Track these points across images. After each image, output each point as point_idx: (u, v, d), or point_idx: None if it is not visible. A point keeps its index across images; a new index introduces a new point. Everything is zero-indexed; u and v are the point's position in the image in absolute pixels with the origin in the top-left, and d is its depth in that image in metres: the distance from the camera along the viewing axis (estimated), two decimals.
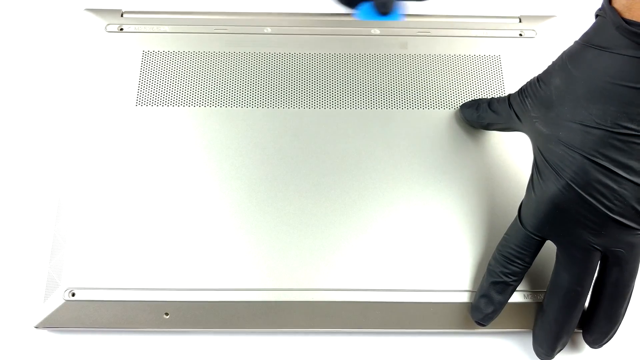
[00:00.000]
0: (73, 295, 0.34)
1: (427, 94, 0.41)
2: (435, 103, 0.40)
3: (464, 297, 0.35)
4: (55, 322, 0.34)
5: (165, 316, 0.34)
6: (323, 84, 0.41)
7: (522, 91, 0.33)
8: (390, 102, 0.40)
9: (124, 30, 0.42)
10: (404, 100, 0.40)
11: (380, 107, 0.40)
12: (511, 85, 0.41)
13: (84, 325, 0.34)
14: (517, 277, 0.32)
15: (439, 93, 0.41)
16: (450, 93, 0.41)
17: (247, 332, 0.35)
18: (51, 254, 0.35)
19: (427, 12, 0.44)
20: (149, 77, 0.41)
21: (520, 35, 0.43)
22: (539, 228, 0.31)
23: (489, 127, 0.38)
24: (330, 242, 0.36)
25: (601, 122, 0.28)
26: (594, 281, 0.32)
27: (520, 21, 0.43)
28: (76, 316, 0.34)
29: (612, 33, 0.28)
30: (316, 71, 0.41)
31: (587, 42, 0.29)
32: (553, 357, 0.33)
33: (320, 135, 0.39)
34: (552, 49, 0.42)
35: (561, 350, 0.33)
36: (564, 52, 0.31)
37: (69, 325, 0.34)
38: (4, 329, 0.36)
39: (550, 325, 0.32)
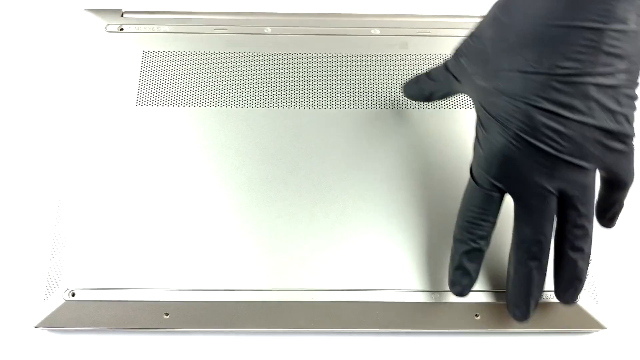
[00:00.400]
0: (73, 295, 0.34)
1: None
2: (435, 103, 0.40)
3: (465, 297, 0.35)
4: (56, 322, 0.34)
5: (165, 316, 0.34)
6: (323, 84, 0.41)
7: (456, 52, 0.33)
8: (391, 102, 0.40)
9: (124, 30, 0.42)
10: (404, 101, 0.40)
11: (381, 107, 0.40)
12: None
13: (84, 325, 0.34)
14: (486, 240, 0.32)
15: None
16: None
17: (247, 332, 0.35)
18: (51, 253, 0.35)
19: (427, 12, 0.44)
20: (149, 77, 0.41)
21: None
22: (494, 183, 0.31)
23: (432, 97, 0.37)
24: (331, 242, 0.36)
25: (539, 66, 0.28)
26: (554, 233, 0.31)
27: None
28: (76, 316, 0.34)
29: None
30: (316, 71, 0.41)
31: None
32: (530, 316, 0.32)
33: (320, 135, 0.39)
34: None
35: (536, 307, 0.32)
36: (494, 4, 0.31)
37: (69, 325, 0.34)
38: (4, 329, 0.36)
39: (522, 283, 0.32)
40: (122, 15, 0.43)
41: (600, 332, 0.36)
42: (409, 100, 0.40)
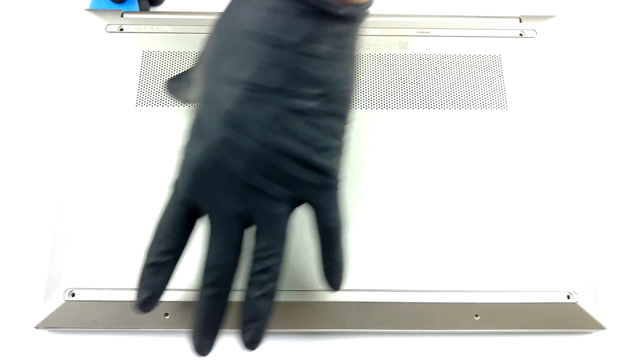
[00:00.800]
0: (73, 295, 0.34)
1: (427, 94, 0.41)
2: (435, 103, 0.40)
3: (465, 298, 0.35)
4: (55, 322, 0.34)
5: (165, 316, 0.34)
6: None
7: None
8: (391, 102, 0.40)
9: (124, 31, 0.42)
10: (404, 101, 0.40)
11: (380, 107, 0.40)
12: (511, 85, 0.41)
13: (84, 325, 0.34)
14: (172, 255, 0.29)
15: (439, 93, 0.41)
16: (450, 93, 0.41)
17: None
18: (51, 254, 0.35)
19: (427, 12, 0.44)
20: (149, 77, 0.41)
21: (521, 35, 0.43)
22: (185, 198, 0.28)
23: (188, 101, 0.36)
24: None
25: (235, 77, 0.27)
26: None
27: (520, 21, 0.43)
28: (76, 316, 0.34)
29: None
30: None
31: None
32: (208, 350, 0.29)
33: None
34: (552, 49, 0.42)
35: (213, 341, 0.29)
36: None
37: (68, 325, 0.34)
38: (4, 329, 0.36)
39: (198, 311, 0.29)
40: (122, 16, 0.43)
41: (600, 332, 0.36)
42: (409, 100, 0.40)
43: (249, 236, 0.29)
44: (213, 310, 0.29)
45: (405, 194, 0.37)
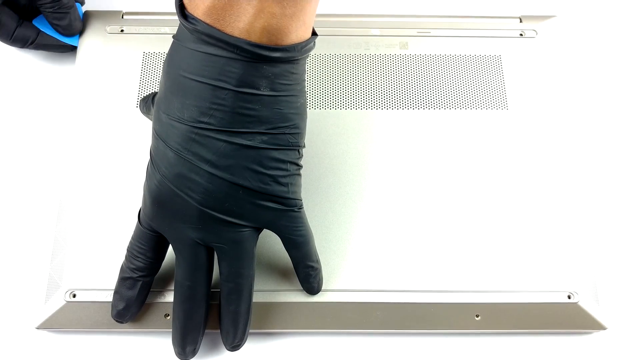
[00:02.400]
0: (74, 296, 0.35)
1: (427, 94, 0.41)
2: (435, 103, 0.40)
3: (466, 298, 0.35)
4: (56, 323, 0.34)
5: (165, 317, 0.34)
6: (323, 84, 0.41)
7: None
8: (391, 102, 0.40)
9: (124, 32, 0.42)
10: (404, 101, 0.40)
11: (380, 107, 0.40)
12: (512, 85, 0.41)
13: (85, 326, 0.34)
14: (143, 272, 0.32)
15: (439, 93, 0.41)
16: (450, 93, 0.41)
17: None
18: (52, 255, 0.36)
19: (427, 12, 0.44)
20: (149, 78, 0.41)
21: (521, 35, 0.43)
22: (148, 223, 0.31)
23: None
24: (330, 242, 0.36)
25: (182, 116, 0.28)
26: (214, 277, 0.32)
27: (520, 21, 0.43)
28: (77, 317, 0.34)
29: (181, 26, 0.28)
30: (316, 71, 0.41)
31: (175, 36, 0.29)
32: (188, 356, 0.32)
33: (320, 135, 0.39)
34: (552, 49, 0.42)
35: (196, 350, 0.32)
36: None
37: (70, 326, 0.34)
38: (5, 330, 0.36)
39: (175, 322, 0.32)
40: (122, 17, 0.43)
41: (600, 332, 0.36)
42: (409, 100, 0.40)
43: None
44: (187, 323, 0.31)
45: (405, 194, 0.37)
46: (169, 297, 0.34)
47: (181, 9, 0.28)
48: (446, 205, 0.37)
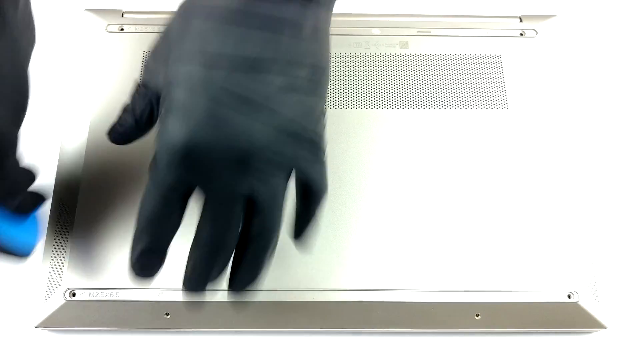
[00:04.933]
0: (74, 295, 0.34)
1: (427, 93, 0.41)
2: (435, 103, 0.40)
3: (466, 297, 0.35)
4: (56, 322, 0.34)
5: (166, 316, 0.34)
6: None
7: (147, 57, 0.32)
8: (391, 102, 0.40)
9: (124, 31, 0.42)
10: (404, 101, 0.40)
11: (381, 107, 0.40)
12: (512, 85, 0.41)
13: (85, 325, 0.34)
14: (168, 240, 0.30)
15: (439, 93, 0.41)
16: (450, 93, 0.41)
17: (247, 332, 0.35)
18: (52, 254, 0.35)
19: (428, 12, 0.44)
20: None
21: (521, 34, 0.43)
22: (179, 178, 0.28)
23: (141, 127, 0.34)
24: (331, 242, 0.36)
25: (220, 60, 0.27)
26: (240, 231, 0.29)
27: (521, 21, 0.43)
28: (77, 316, 0.34)
29: None
30: None
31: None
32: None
33: None
34: (552, 49, 0.42)
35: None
36: (179, 5, 0.30)
37: (69, 325, 0.34)
38: (5, 329, 0.36)
39: (195, 275, 0.29)
40: (122, 16, 0.43)
41: (600, 331, 0.36)
42: (408, 100, 0.40)
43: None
44: (213, 277, 0.29)
45: (405, 193, 0.37)
46: (169, 296, 0.34)
47: None
48: (446, 205, 0.37)
